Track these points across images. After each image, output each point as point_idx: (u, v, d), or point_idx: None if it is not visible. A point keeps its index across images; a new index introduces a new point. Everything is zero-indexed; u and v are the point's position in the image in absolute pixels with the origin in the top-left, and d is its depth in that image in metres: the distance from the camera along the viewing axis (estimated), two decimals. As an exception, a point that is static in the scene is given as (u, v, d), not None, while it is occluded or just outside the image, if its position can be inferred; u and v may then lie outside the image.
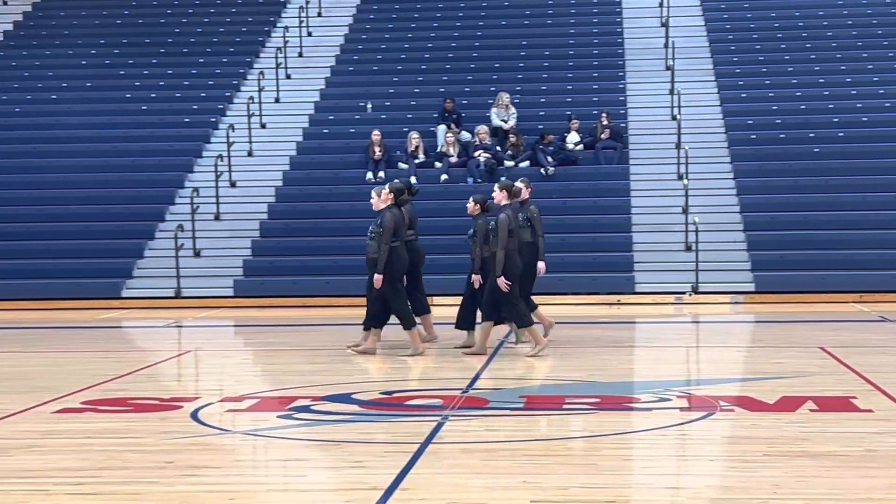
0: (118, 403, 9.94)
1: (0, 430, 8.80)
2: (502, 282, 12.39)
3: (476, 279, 12.98)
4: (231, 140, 22.53)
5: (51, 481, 7.09)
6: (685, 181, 20.97)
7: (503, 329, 14.13)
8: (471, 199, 13.23)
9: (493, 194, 12.94)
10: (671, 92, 23.72)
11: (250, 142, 23.16)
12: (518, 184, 13.48)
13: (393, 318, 13.15)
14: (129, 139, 23.51)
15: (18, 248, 20.64)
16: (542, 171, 21.83)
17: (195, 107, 24.58)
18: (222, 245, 20.88)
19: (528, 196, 13.52)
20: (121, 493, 6.78)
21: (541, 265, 13.43)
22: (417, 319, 13.27)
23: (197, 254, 20.62)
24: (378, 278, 12.67)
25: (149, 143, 23.35)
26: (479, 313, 13.00)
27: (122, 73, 25.79)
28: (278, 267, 20.22)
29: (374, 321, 12.94)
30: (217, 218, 21.44)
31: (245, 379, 11.96)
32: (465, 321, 13.31)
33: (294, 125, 23.96)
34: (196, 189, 21.23)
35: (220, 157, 22.02)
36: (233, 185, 22.18)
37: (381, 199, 12.94)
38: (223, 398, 10.22)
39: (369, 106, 24.26)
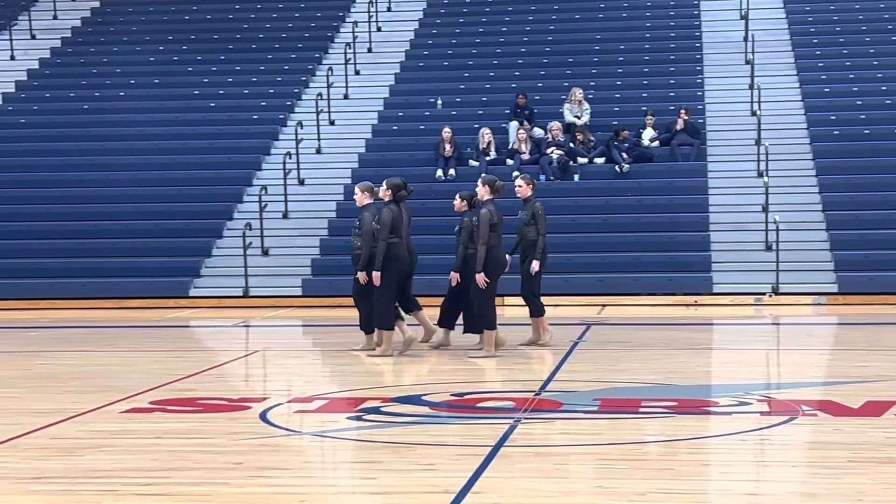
0: (187, 403, 10.05)
1: (69, 429, 8.94)
2: (481, 278, 12.43)
3: (454, 277, 12.93)
4: (299, 137, 22.69)
5: (120, 482, 7.19)
6: (765, 178, 20.76)
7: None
8: (457, 195, 13.27)
9: (477, 189, 12.97)
10: (751, 86, 23.50)
11: (319, 139, 23.31)
12: (519, 181, 13.51)
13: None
14: (198, 136, 23.76)
15: (88, 247, 20.94)
16: (617, 168, 21.74)
17: (263, 103, 24.79)
18: (290, 244, 21.03)
19: (530, 193, 13.47)
20: (190, 494, 6.86)
21: (534, 264, 13.30)
22: (409, 317, 13.26)
23: (265, 252, 20.79)
24: (362, 276, 12.75)
25: (217, 140, 23.59)
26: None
27: (190, 69, 26.07)
28: (347, 266, 20.19)
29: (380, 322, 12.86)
30: (285, 216, 21.61)
31: (314, 379, 12.04)
32: (444, 320, 13.27)
33: (363, 122, 24.07)
34: (264, 187, 21.41)
35: (289, 154, 22.19)
36: (301, 182, 22.33)
37: (368, 195, 12.98)
38: (292, 399, 10.30)
39: (439, 102, 24.30)
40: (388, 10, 27.72)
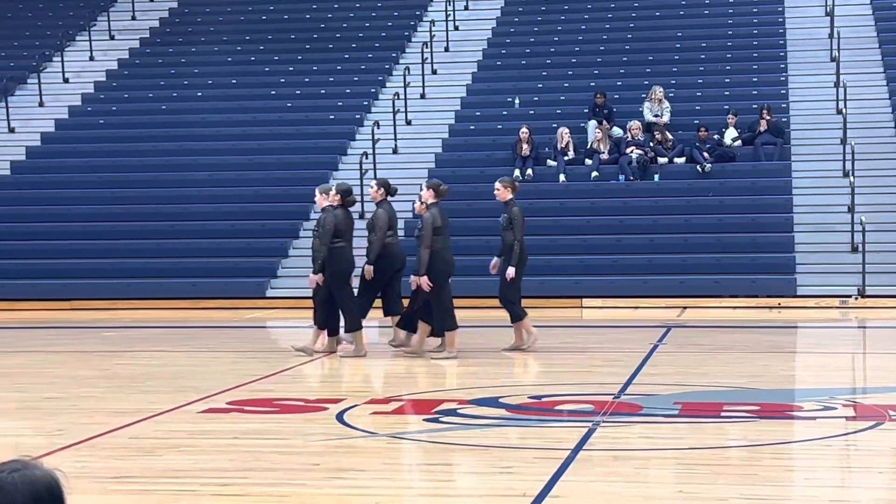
0: (264, 404, 10.15)
1: (147, 429, 9.06)
2: (425, 282, 12.41)
3: (413, 281, 12.87)
4: (376, 137, 22.79)
5: (198, 482, 7.28)
6: (851, 178, 20.48)
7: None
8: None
9: (422, 193, 13.00)
10: (836, 84, 23.19)
11: (395, 139, 23.40)
12: (497, 184, 13.52)
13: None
14: (275, 136, 23.96)
15: (166, 247, 21.20)
16: (699, 167, 21.56)
17: (340, 103, 24.93)
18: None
19: (510, 196, 13.41)
20: (267, 495, 6.92)
21: (510, 270, 13.31)
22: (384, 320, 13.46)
23: (341, 253, 20.88)
24: (312, 278, 12.98)
25: (294, 140, 23.77)
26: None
27: (267, 69, 26.30)
28: (423, 267, 20.34)
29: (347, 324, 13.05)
30: (362, 216, 21.69)
31: (391, 381, 12.09)
32: (405, 321, 13.43)
33: (440, 121, 24.12)
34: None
35: (365, 154, 22.29)
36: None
37: (327, 198, 13.05)
38: (369, 400, 10.35)
39: (517, 101, 24.28)
40: (466, 8, 27.74)
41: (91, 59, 27.48)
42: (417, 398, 10.45)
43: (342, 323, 13.34)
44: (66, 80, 26.69)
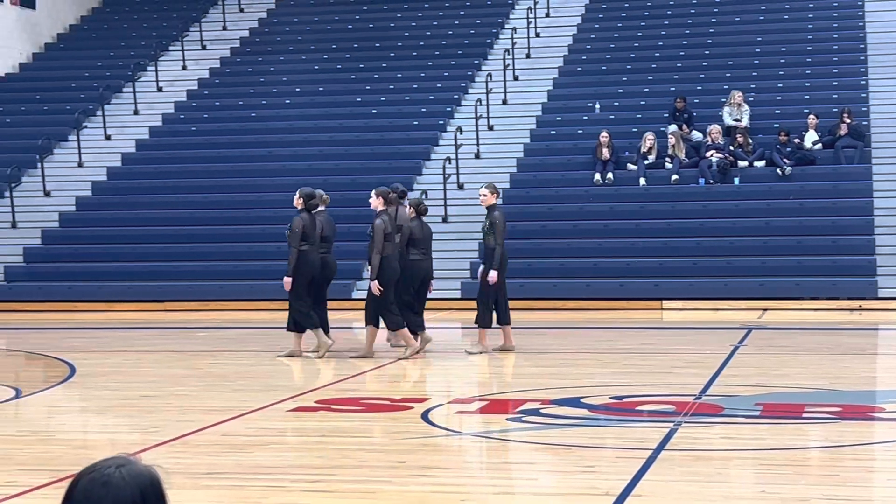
0: (351, 403, 10.21)
1: (239, 427, 9.16)
2: (375, 285, 12.31)
3: (374, 284, 12.87)
4: (459, 142, 22.82)
5: (288, 478, 7.34)
6: (933, 181, 20.10)
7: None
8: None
9: (370, 200, 12.94)
10: (917, 87, 22.78)
11: (478, 144, 23.41)
12: (482, 189, 13.48)
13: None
14: (360, 142, 24.09)
15: (256, 250, 21.42)
16: (779, 171, 21.31)
17: (424, 110, 25.00)
18: (450, 247, 21.14)
19: (494, 202, 13.34)
20: (355, 492, 6.96)
21: (492, 274, 13.28)
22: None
23: (425, 256, 20.94)
24: (287, 281, 13.07)
25: (379, 146, 23.88)
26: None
27: (353, 77, 26.45)
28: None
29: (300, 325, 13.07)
30: (445, 220, 21.75)
31: (474, 380, 12.10)
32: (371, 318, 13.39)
33: (521, 127, 24.09)
34: (424, 191, 21.57)
35: (448, 159, 22.33)
36: (460, 187, 22.46)
37: (298, 199, 13.22)
38: (453, 400, 10.37)
39: (597, 106, 24.18)
40: (547, 15, 27.68)
41: (184, 68, 27.84)
42: (500, 398, 10.44)
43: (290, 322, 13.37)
44: (159, 89, 27.08)
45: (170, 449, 8.19)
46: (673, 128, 22.38)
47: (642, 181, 21.66)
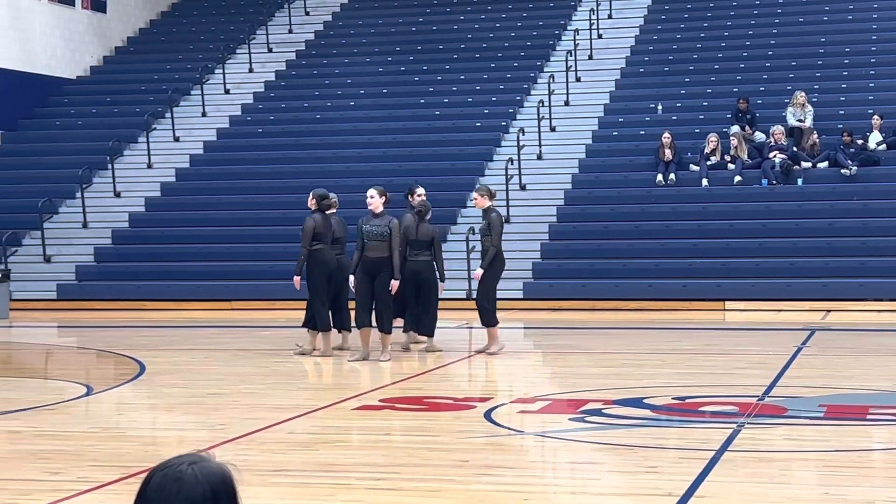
0: (415, 402, 10.24)
1: (304, 425, 9.22)
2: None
3: (395, 284, 12.87)
4: (521, 144, 22.79)
5: (353, 476, 7.37)
6: None
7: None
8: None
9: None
10: (984, 87, 22.41)
11: (540, 145, 23.36)
12: (473, 194, 13.69)
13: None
14: (423, 144, 24.13)
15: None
16: (843, 171, 21.05)
17: (486, 111, 24.99)
18: (512, 247, 21.04)
19: (488, 204, 13.24)
20: (420, 490, 6.98)
21: (477, 272, 13.46)
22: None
23: (487, 256, 20.93)
24: (296, 280, 13.23)
25: (442, 147, 23.90)
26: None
27: (416, 79, 26.51)
28: (567, 270, 20.32)
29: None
30: (507, 220, 21.70)
31: (536, 381, 12.09)
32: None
33: (583, 128, 24.00)
34: (487, 192, 21.55)
35: (511, 160, 22.31)
36: (522, 188, 22.42)
37: (311, 201, 13.45)
38: (515, 399, 10.36)
39: (660, 107, 24.03)
40: (609, 17, 27.55)
41: (250, 70, 28.05)
42: (563, 398, 10.42)
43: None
44: (227, 91, 27.30)
45: (236, 446, 8.26)
46: (735, 129, 22.20)
47: (705, 182, 21.50)
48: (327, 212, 13.59)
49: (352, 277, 13.14)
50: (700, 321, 17.47)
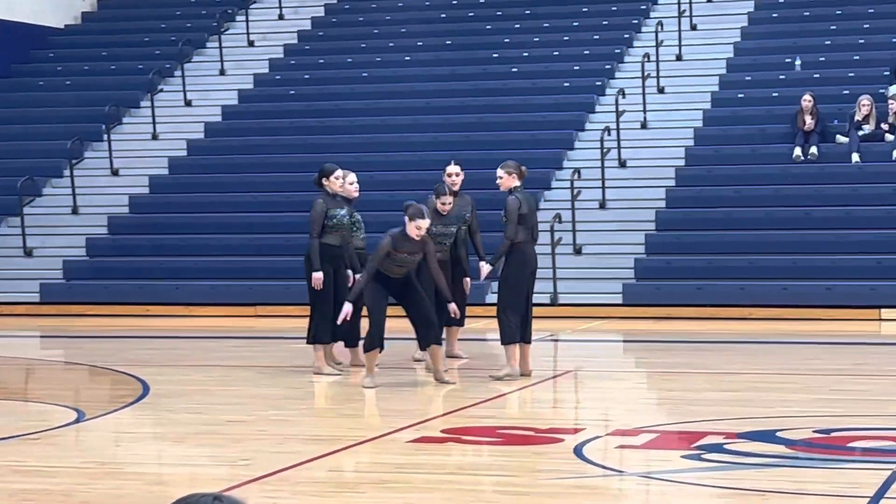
0: (485, 433, 10.24)
1: (348, 460, 9.25)
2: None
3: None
4: (621, 109, 22.71)
5: (409, 524, 7.39)
6: None
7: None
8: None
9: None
10: None
11: (644, 111, 23.26)
12: (499, 171, 13.50)
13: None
14: (495, 109, 24.09)
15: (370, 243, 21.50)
16: None
17: (577, 67, 24.92)
18: (609, 240, 21.07)
19: (513, 184, 13.12)
20: (492, 543, 6.99)
21: (484, 268, 13.50)
22: None
23: (577, 251, 20.91)
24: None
25: (520, 113, 23.85)
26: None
27: (488, 27, 26.49)
28: (678, 268, 20.22)
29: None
30: (602, 206, 21.68)
31: (639, 407, 12.05)
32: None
33: (700, 89, 23.87)
34: (577, 170, 21.53)
35: (608, 130, 22.25)
36: (622, 164, 22.35)
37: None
38: (613, 431, 10.33)
39: (798, 62, 23.85)
40: (733, -52, 27.37)
41: (280, 17, 28.18)
42: (673, 429, 10.37)
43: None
44: (251, 44, 27.48)
45: (263, 486, 8.30)
46: (894, 89, 21.99)
47: (855, 157, 21.30)
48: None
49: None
50: (849, 333, 17.33)
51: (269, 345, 17.01)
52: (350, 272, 13.65)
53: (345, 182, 14.22)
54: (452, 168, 14.48)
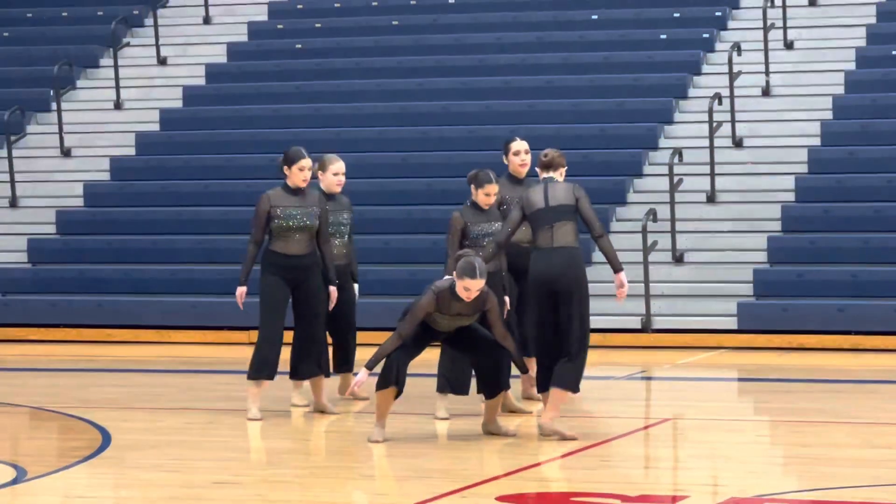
0: (557, 500, 10.20)
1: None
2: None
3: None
4: (735, 70, 22.62)
5: None
6: None
7: None
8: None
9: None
10: None
11: (767, 73, 23.17)
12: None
13: None
14: (568, 69, 24.04)
15: (394, 247, 21.48)
16: None
17: (676, 14, 24.85)
18: (718, 245, 20.99)
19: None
20: None
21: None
22: None
23: (678, 259, 20.82)
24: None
25: (601, 75, 23.80)
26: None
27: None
28: (812, 281, 20.09)
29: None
30: (711, 199, 21.59)
31: (759, 469, 11.99)
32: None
33: (841, 44, 23.79)
34: (678, 151, 21.44)
35: (718, 98, 22.15)
36: (737, 144, 22.27)
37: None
38: (726, 501, 10.29)
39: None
40: None
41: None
42: (807, 497, 10.32)
43: None
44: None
45: (262, 570, 8.29)
46: None
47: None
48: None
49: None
50: None
51: (268, 383, 16.97)
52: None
53: (327, 173, 14.34)
54: (519, 144, 14.37)
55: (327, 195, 14.36)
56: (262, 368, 13.78)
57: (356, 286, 14.89)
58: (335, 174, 14.46)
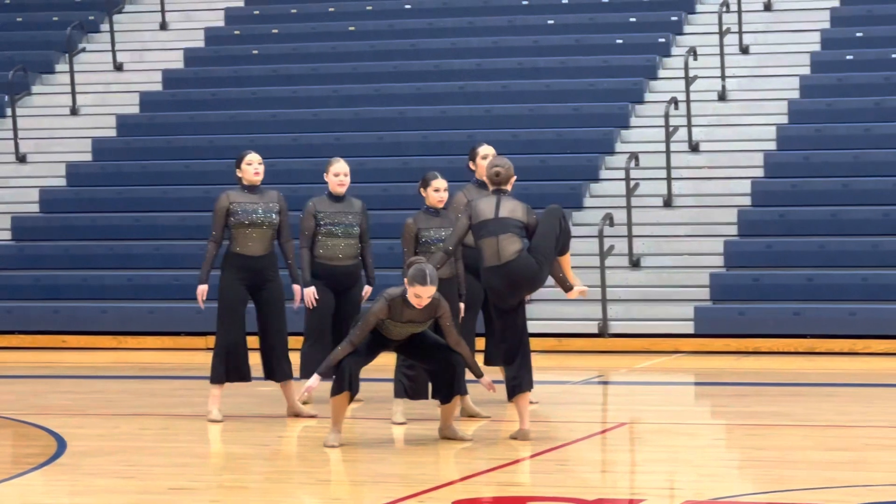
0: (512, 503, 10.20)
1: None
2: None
3: None
4: (691, 74, 22.64)
5: None
6: None
7: None
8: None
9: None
10: None
11: (723, 77, 23.20)
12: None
13: None
14: (524, 74, 24.02)
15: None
16: None
17: (633, 19, 24.85)
18: (674, 249, 21.01)
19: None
20: None
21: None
22: None
23: (635, 264, 20.83)
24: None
25: (558, 80, 23.79)
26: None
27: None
28: (768, 285, 20.13)
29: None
30: (667, 204, 21.61)
31: (717, 472, 12.00)
32: None
33: (796, 48, 23.84)
34: (634, 155, 21.44)
35: (675, 102, 22.16)
36: (693, 148, 22.30)
37: None
38: (684, 503, 10.28)
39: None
40: None
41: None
42: (763, 500, 10.32)
43: None
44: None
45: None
46: None
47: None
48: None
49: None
50: None
51: (226, 388, 16.92)
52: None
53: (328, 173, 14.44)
54: (487, 149, 14.42)
55: (333, 197, 14.59)
56: (221, 370, 13.81)
57: (368, 288, 14.84)
58: (336, 175, 14.58)
